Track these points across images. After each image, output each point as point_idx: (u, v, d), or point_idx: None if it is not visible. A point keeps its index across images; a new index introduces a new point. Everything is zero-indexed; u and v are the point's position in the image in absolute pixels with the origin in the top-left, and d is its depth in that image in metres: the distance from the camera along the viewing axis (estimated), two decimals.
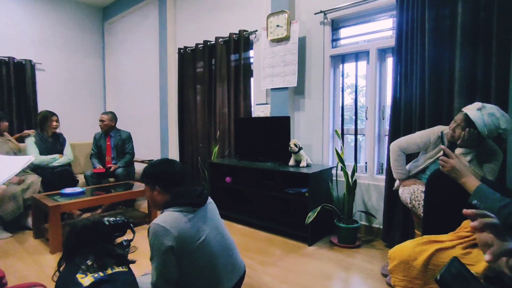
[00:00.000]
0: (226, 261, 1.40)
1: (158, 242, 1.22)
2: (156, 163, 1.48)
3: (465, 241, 1.19)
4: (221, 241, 1.41)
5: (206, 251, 1.31)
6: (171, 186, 1.39)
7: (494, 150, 1.72)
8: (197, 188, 1.45)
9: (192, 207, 1.34)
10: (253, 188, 2.84)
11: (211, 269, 1.33)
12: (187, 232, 1.27)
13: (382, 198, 2.46)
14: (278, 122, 2.92)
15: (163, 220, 1.26)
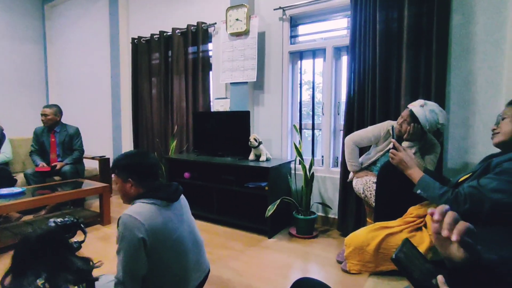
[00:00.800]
0: (195, 259, 1.37)
1: (129, 234, 1.14)
2: (130, 154, 1.38)
3: (411, 226, 1.31)
4: (192, 238, 1.38)
5: (179, 247, 1.26)
6: (146, 180, 1.31)
7: (434, 143, 1.91)
8: (172, 183, 1.40)
9: (167, 201, 1.29)
10: (213, 183, 2.81)
11: (181, 267, 1.29)
12: (161, 227, 1.21)
13: (337, 190, 2.59)
14: (238, 117, 2.92)
15: (136, 211, 1.18)
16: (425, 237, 1.24)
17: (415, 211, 1.37)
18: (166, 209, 1.27)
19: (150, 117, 3.72)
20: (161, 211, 1.24)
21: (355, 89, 2.42)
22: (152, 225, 1.18)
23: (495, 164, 1.18)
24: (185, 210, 1.43)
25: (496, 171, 1.14)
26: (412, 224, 1.31)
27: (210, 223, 2.81)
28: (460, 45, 2.11)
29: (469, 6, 2.07)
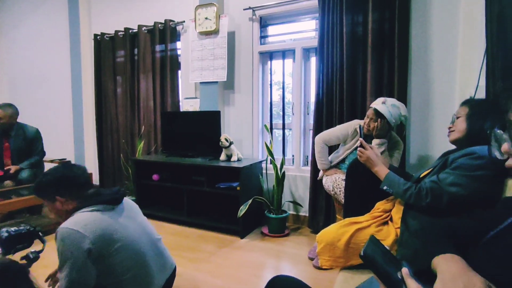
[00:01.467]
0: (155, 259, 1.33)
1: (71, 248, 1.06)
2: (49, 172, 1.27)
3: (378, 220, 1.37)
4: (147, 238, 1.33)
5: (132, 250, 1.21)
6: (76, 192, 1.22)
7: (397, 141, 2.02)
8: (111, 188, 1.33)
9: (110, 204, 1.22)
10: (183, 185, 2.75)
11: (140, 267, 1.24)
12: (107, 231, 1.14)
13: (308, 188, 2.64)
14: (208, 117, 2.88)
15: (74, 222, 1.11)
16: (391, 231, 1.30)
17: (381, 206, 1.43)
18: (111, 212, 1.22)
19: (115, 117, 3.55)
20: (105, 215, 1.18)
21: (323, 90, 2.49)
22: (96, 232, 1.11)
23: (452, 160, 1.26)
24: (134, 211, 1.38)
25: (453, 166, 1.23)
26: (379, 218, 1.37)
27: (180, 226, 2.74)
28: (419, 49, 2.25)
29: (426, 13, 2.21)
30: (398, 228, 1.30)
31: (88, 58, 3.77)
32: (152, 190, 3.08)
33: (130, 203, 1.39)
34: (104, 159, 3.65)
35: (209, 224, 2.66)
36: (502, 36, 1.41)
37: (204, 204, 2.93)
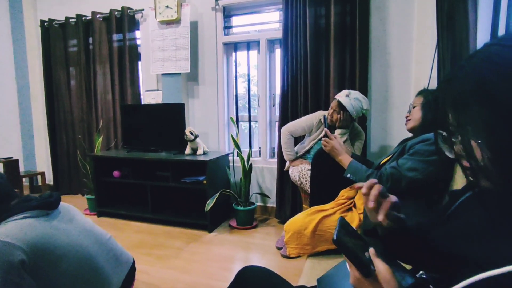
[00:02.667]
0: (107, 259, 1.28)
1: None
2: None
3: (342, 207, 1.42)
4: (94, 240, 1.26)
5: (78, 256, 1.13)
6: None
7: (359, 131, 2.10)
8: (43, 193, 1.22)
9: (43, 209, 1.11)
10: (147, 181, 2.64)
11: (91, 273, 1.17)
12: (43, 239, 1.03)
13: (275, 179, 2.66)
14: (172, 110, 2.78)
15: (1, 232, 0.98)
16: (355, 217, 1.35)
17: (345, 193, 1.49)
18: (46, 218, 1.11)
19: (70, 111, 3.31)
20: (39, 222, 1.07)
21: (288, 82, 2.51)
22: (29, 241, 0.99)
23: (409, 146, 1.34)
24: (74, 214, 1.28)
25: (410, 152, 1.30)
26: (343, 205, 1.42)
27: (146, 223, 2.64)
28: (378, 42, 2.34)
29: (384, 7, 2.30)
30: (362, 213, 1.36)
31: (35, 47, 3.44)
32: (113, 187, 2.92)
33: (67, 207, 1.28)
34: (58, 156, 3.39)
35: (175, 220, 2.59)
36: (451, 29, 1.51)
37: (170, 200, 2.85)
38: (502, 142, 0.43)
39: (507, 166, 0.44)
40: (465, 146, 0.47)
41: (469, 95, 0.47)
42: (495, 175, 0.45)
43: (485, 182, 0.48)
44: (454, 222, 0.62)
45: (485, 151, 0.45)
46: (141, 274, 1.81)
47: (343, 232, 0.57)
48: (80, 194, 3.41)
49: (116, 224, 2.65)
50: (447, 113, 0.51)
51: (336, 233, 0.55)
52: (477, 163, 0.46)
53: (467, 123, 0.47)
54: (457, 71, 0.50)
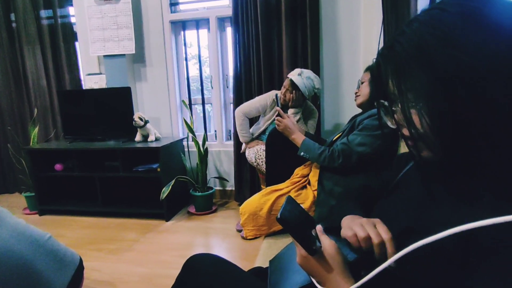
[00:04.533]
0: (47, 261, 1.16)
1: None
2: None
3: (297, 185, 1.42)
4: (29, 242, 1.13)
5: (9, 262, 1.01)
6: None
7: (312, 109, 2.12)
8: None
9: None
10: (94, 173, 2.44)
11: (28, 278, 1.06)
12: None
13: (232, 162, 2.62)
14: (117, 94, 2.56)
15: None
16: (309, 194, 1.37)
17: (300, 171, 1.50)
18: None
19: None
20: None
21: (241, 62, 2.43)
22: None
23: (358, 122, 1.36)
24: (1, 215, 1.16)
25: (359, 128, 1.33)
26: (298, 183, 1.43)
27: (96, 218, 2.46)
28: (328, 19, 2.34)
29: None
30: (316, 190, 1.37)
31: None
32: (55, 182, 2.67)
33: None
34: None
35: (129, 211, 2.45)
36: (394, 6, 1.54)
37: (122, 191, 2.68)
38: (440, 108, 0.42)
39: (445, 133, 0.43)
40: (405, 113, 0.46)
41: (410, 60, 0.45)
42: (434, 142, 0.45)
43: (425, 151, 0.48)
44: (398, 192, 0.63)
45: (424, 118, 0.44)
46: (92, 271, 1.69)
47: (289, 211, 0.55)
48: (18, 192, 3.07)
49: (62, 221, 2.44)
50: (388, 81, 0.49)
51: (280, 211, 0.52)
52: (417, 131, 0.45)
53: (408, 90, 0.45)
54: (398, 36, 0.48)
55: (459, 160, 0.46)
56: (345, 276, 0.50)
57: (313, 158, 1.37)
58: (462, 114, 0.41)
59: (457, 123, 0.42)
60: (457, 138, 0.43)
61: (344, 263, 0.51)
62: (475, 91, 0.40)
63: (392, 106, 0.50)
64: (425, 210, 0.49)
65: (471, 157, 0.44)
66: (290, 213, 0.53)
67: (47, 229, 2.25)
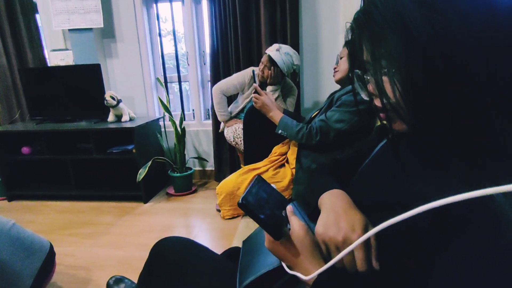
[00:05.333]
0: (12, 250, 1.11)
1: None
2: None
3: (275, 164, 1.40)
4: None
5: None
6: None
7: (291, 87, 2.07)
8: None
9: None
10: (66, 155, 2.33)
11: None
12: None
13: (211, 142, 2.57)
14: (86, 72, 2.41)
15: None
16: (287, 172, 1.35)
17: (278, 150, 1.47)
18: None
19: None
20: None
21: (218, 37, 2.32)
22: None
23: (336, 98, 1.34)
24: None
25: (337, 104, 1.30)
26: (276, 162, 1.41)
27: (69, 202, 2.37)
28: None
29: None
30: (294, 168, 1.36)
31: None
32: (24, 166, 2.54)
33: None
34: None
35: (105, 194, 2.38)
36: None
37: (96, 174, 2.59)
38: (413, 75, 0.39)
39: (417, 102, 0.41)
40: (377, 82, 0.42)
41: (385, 24, 0.41)
42: (406, 112, 0.42)
43: (397, 123, 0.45)
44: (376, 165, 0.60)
45: (397, 86, 0.41)
46: (66, 257, 1.64)
47: (255, 193, 0.51)
48: None
49: (33, 207, 2.33)
50: (362, 48, 0.45)
51: (242, 196, 0.48)
52: (388, 100, 0.42)
53: (382, 56, 0.42)
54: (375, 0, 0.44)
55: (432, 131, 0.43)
56: (313, 259, 0.47)
57: (291, 135, 1.34)
58: (436, 84, 0.38)
59: (431, 93, 0.39)
60: (430, 108, 0.40)
61: (314, 245, 0.48)
62: (452, 60, 0.37)
63: (365, 76, 0.46)
64: (399, 183, 0.47)
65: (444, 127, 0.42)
66: (255, 196, 0.50)
67: (17, 215, 2.18)
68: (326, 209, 0.52)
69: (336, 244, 0.46)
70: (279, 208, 0.52)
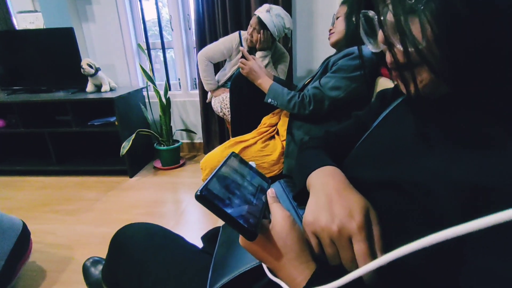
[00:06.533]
0: None
1: None
2: None
3: (264, 136, 1.30)
4: None
5: None
6: None
7: (283, 52, 1.92)
8: None
9: None
10: (43, 128, 2.18)
11: None
12: None
13: (199, 113, 2.44)
14: (59, 36, 2.19)
15: None
16: (278, 144, 1.25)
17: (267, 120, 1.36)
18: None
19: None
20: None
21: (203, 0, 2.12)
22: None
23: (332, 63, 1.21)
24: None
25: (333, 69, 1.18)
26: (265, 134, 1.30)
27: (50, 177, 2.26)
28: None
29: None
30: (285, 140, 1.26)
31: None
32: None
33: None
34: None
35: (88, 168, 2.27)
36: None
37: (78, 147, 2.46)
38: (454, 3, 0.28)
39: (457, 45, 0.29)
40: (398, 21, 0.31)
41: None
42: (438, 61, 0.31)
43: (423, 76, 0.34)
44: (380, 135, 0.50)
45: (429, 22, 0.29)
46: (46, 235, 1.56)
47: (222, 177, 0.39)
48: None
49: (11, 182, 2.22)
50: None
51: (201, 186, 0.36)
52: (415, 45, 0.31)
53: None
54: None
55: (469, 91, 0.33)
56: (301, 262, 0.36)
57: (282, 105, 1.23)
58: (485, 16, 0.27)
59: (478, 29, 0.28)
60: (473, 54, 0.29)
61: (302, 244, 0.37)
62: None
63: (379, 15, 0.34)
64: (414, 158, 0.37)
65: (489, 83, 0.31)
66: (221, 182, 0.38)
67: None
68: (315, 191, 0.42)
69: (330, 236, 0.36)
70: (257, 194, 0.41)
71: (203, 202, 0.35)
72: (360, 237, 0.34)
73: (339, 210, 0.37)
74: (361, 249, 0.34)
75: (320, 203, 0.39)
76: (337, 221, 0.36)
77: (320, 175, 0.44)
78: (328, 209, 0.37)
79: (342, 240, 0.35)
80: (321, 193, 0.40)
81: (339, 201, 0.38)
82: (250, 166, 0.46)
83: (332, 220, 0.36)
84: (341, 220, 0.36)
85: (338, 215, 0.36)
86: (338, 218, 0.36)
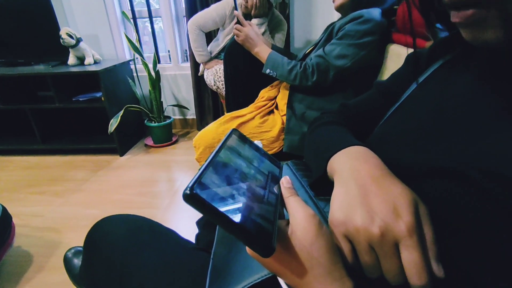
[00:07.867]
0: None
1: None
2: None
3: (262, 110, 1.20)
4: None
5: None
6: None
7: (280, 20, 1.78)
8: None
9: None
10: (24, 104, 2.04)
11: None
12: None
13: (191, 87, 2.31)
14: (34, 4, 2.00)
15: None
16: (277, 120, 1.16)
17: (266, 93, 1.25)
18: None
19: None
20: None
21: None
22: None
23: (338, 28, 1.09)
24: None
25: (339, 35, 1.06)
26: (263, 108, 1.20)
27: (35, 156, 2.15)
28: None
29: None
30: (285, 115, 1.16)
31: None
32: None
33: None
34: None
35: (75, 147, 2.15)
36: None
37: (64, 125, 2.34)
38: None
39: None
40: None
41: None
42: None
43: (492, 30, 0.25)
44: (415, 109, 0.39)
45: None
46: (33, 218, 1.48)
47: (221, 165, 0.29)
48: None
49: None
50: None
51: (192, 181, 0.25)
52: None
53: None
54: None
55: None
56: (333, 280, 0.27)
57: (282, 76, 1.12)
58: None
59: None
60: None
61: (333, 253, 0.28)
62: None
63: None
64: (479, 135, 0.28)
65: None
66: (219, 174, 0.27)
67: None
68: (343, 179, 0.32)
69: (369, 240, 0.27)
70: (268, 184, 0.31)
71: (194, 204, 0.24)
72: (411, 242, 0.25)
73: (380, 205, 0.27)
74: (414, 258, 0.25)
75: (351, 195, 0.29)
76: (379, 220, 0.26)
77: (346, 159, 0.34)
78: (364, 204, 0.28)
79: (386, 246, 0.26)
80: (351, 182, 0.30)
81: (379, 193, 0.28)
82: (256, 147, 0.37)
83: (372, 220, 0.27)
84: (383, 219, 0.26)
85: (379, 213, 0.27)
86: (379, 216, 0.27)
